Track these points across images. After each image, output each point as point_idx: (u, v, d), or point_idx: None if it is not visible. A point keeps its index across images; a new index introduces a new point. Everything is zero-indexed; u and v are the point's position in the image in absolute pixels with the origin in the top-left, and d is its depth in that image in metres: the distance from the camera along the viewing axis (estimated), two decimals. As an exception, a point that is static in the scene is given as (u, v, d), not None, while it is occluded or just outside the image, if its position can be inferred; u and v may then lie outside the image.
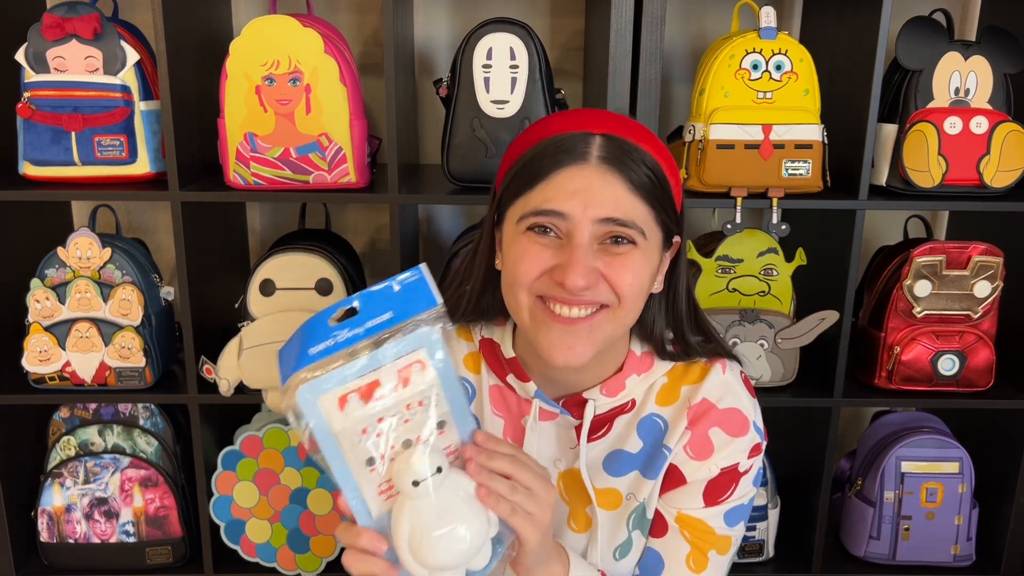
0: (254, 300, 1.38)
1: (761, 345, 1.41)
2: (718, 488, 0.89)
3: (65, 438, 1.48)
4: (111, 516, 1.49)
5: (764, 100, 1.30)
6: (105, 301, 1.38)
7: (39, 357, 1.38)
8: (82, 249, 1.38)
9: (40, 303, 1.37)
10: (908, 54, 1.33)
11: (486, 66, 1.30)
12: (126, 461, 1.47)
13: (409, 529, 0.70)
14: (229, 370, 1.38)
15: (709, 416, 0.88)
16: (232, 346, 1.38)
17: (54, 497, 1.48)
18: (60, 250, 1.38)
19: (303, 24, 1.27)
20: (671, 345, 0.91)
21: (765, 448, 0.93)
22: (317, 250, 1.39)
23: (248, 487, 1.49)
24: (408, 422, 0.69)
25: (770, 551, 1.53)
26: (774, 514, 1.51)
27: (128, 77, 1.32)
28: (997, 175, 1.33)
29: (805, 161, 1.30)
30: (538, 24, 1.60)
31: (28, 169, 1.35)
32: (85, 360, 1.39)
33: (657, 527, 0.91)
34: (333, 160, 1.31)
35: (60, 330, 1.38)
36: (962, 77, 1.34)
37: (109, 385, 1.41)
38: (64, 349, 1.38)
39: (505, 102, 1.31)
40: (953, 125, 1.32)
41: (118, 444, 1.48)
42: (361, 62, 1.57)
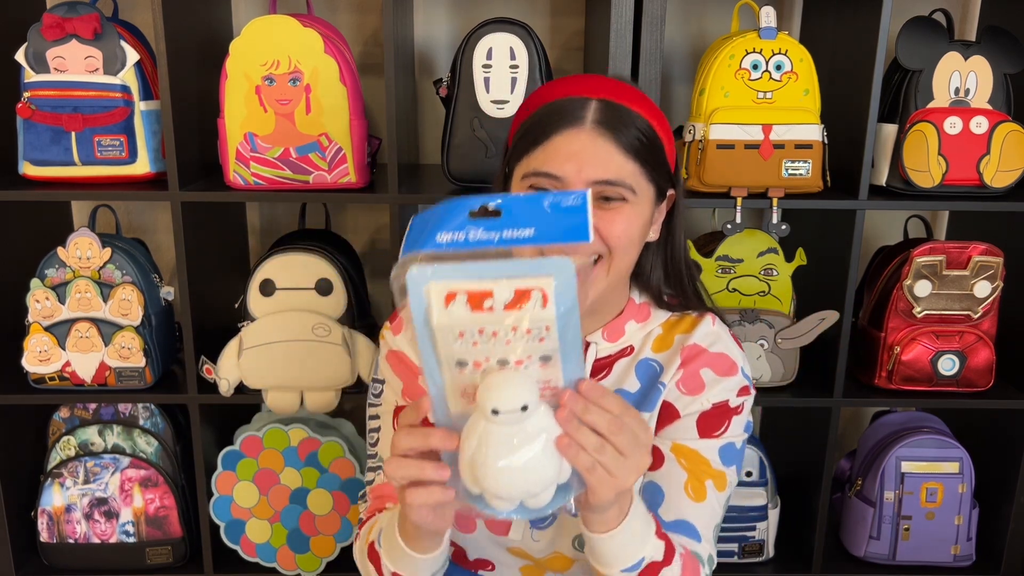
0: (254, 300, 1.38)
1: (761, 345, 1.41)
2: (710, 421, 0.93)
3: (65, 438, 1.48)
4: (111, 516, 1.49)
5: (764, 100, 1.30)
6: (105, 301, 1.38)
7: (39, 357, 1.38)
8: (82, 249, 1.38)
9: (40, 303, 1.37)
10: (908, 54, 1.33)
11: (486, 66, 1.30)
12: (126, 461, 1.47)
13: (476, 448, 0.66)
14: (229, 370, 1.38)
15: (700, 358, 0.94)
16: (232, 346, 1.38)
17: (54, 497, 1.48)
18: (60, 250, 1.38)
19: (303, 24, 1.27)
20: (667, 297, 0.98)
21: (754, 398, 0.97)
22: (317, 250, 1.39)
23: (248, 487, 1.49)
24: (510, 343, 0.65)
25: (770, 551, 1.53)
26: (774, 514, 1.51)
27: (128, 77, 1.32)
28: (997, 175, 1.33)
29: (805, 161, 1.30)
30: (538, 24, 1.60)
31: (28, 169, 1.35)
32: (85, 360, 1.39)
33: (654, 461, 0.94)
34: (333, 160, 1.31)
35: (60, 330, 1.38)
36: (962, 77, 1.34)
37: (109, 385, 1.41)
38: (64, 349, 1.38)
39: (505, 102, 1.31)
40: (953, 125, 1.32)
41: (118, 444, 1.48)
42: (361, 62, 1.57)
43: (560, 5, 1.61)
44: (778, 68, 1.30)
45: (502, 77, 1.30)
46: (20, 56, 1.31)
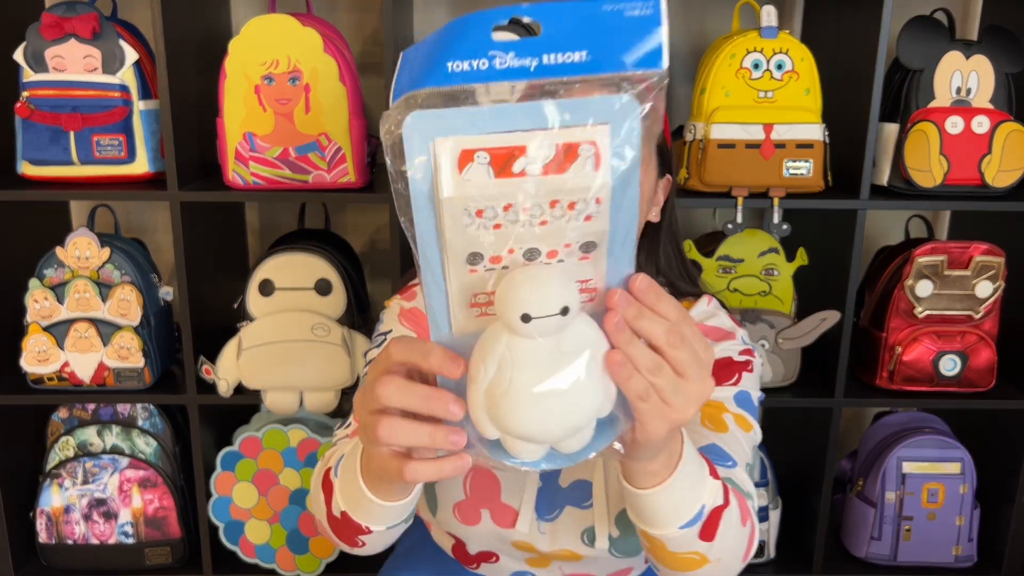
0: (253, 300, 1.37)
1: (762, 345, 1.40)
2: (719, 372, 0.88)
3: (64, 438, 1.48)
4: (110, 517, 1.48)
5: (765, 99, 1.30)
6: (104, 301, 1.37)
7: (38, 357, 1.38)
8: (81, 249, 1.37)
9: (39, 303, 1.37)
10: (909, 53, 1.33)
11: (486, 65, 1.30)
12: (125, 462, 1.46)
13: (496, 372, 0.50)
14: (228, 370, 1.38)
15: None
16: (231, 346, 1.37)
17: (53, 498, 1.48)
18: (59, 250, 1.37)
19: (302, 23, 1.26)
20: (666, 285, 0.97)
21: (759, 377, 0.93)
22: (316, 250, 1.39)
23: (247, 488, 1.48)
24: (545, 224, 0.47)
25: (771, 552, 1.53)
26: (775, 515, 1.51)
27: (127, 76, 1.32)
28: (998, 175, 1.33)
29: (806, 160, 1.30)
30: (538, 23, 1.59)
31: (27, 169, 1.34)
32: (84, 360, 1.38)
33: None
34: (332, 160, 1.30)
35: (59, 330, 1.37)
36: (963, 76, 1.33)
37: (108, 385, 1.41)
38: (63, 349, 1.38)
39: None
40: (954, 125, 1.32)
41: (117, 445, 1.47)
42: (360, 61, 1.57)
43: (560, 4, 1.60)
44: (779, 67, 1.29)
45: (502, 76, 1.30)
46: (19, 55, 1.31)
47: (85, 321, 1.37)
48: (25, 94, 1.32)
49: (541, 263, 0.49)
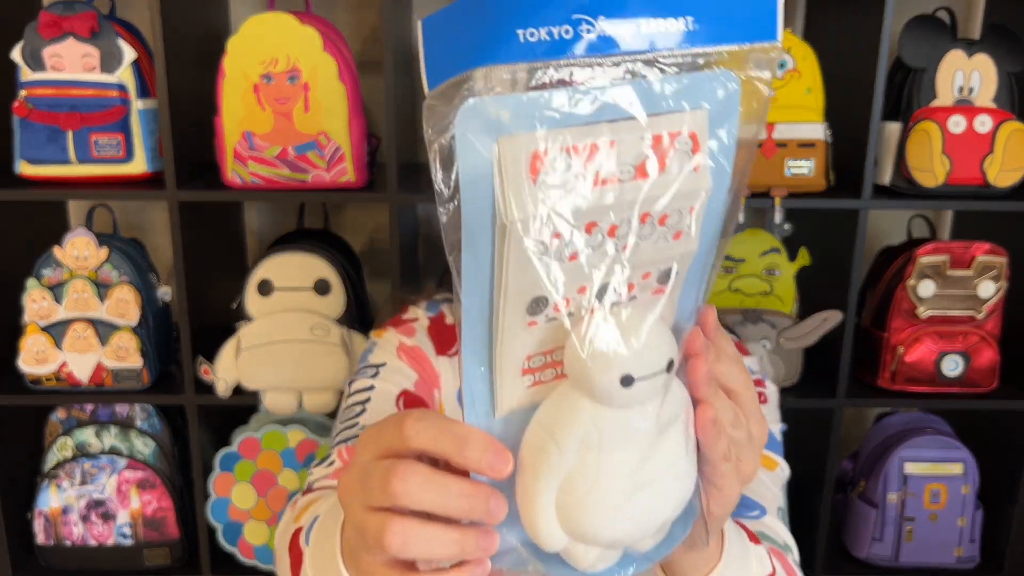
0: (252, 300, 1.37)
1: (764, 346, 1.40)
2: None
3: (62, 439, 1.47)
4: (108, 518, 1.48)
5: (766, 98, 1.29)
6: (102, 301, 1.37)
7: (36, 357, 1.37)
8: (79, 249, 1.37)
9: (36, 303, 1.36)
10: (911, 52, 1.32)
11: (486, 64, 1.29)
12: (123, 462, 1.45)
13: (577, 458, 0.37)
14: (227, 371, 1.37)
15: None
16: (230, 346, 1.37)
17: (51, 499, 1.47)
18: (57, 250, 1.37)
19: (301, 22, 1.26)
20: None
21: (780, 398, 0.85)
22: (315, 250, 1.38)
23: (246, 489, 1.48)
24: (626, 249, 0.36)
25: (772, 553, 1.52)
26: (776, 516, 1.50)
27: (125, 75, 1.31)
28: (1001, 174, 1.32)
29: (808, 160, 1.29)
30: (538, 22, 1.58)
31: (24, 168, 1.33)
32: (82, 361, 1.38)
33: None
34: (332, 159, 1.30)
35: (57, 330, 1.37)
36: (966, 76, 1.33)
37: (106, 386, 1.40)
38: (61, 349, 1.37)
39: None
40: (957, 124, 1.31)
41: (115, 445, 1.47)
42: (360, 60, 1.56)
43: (560, 3, 1.60)
44: (781, 66, 1.29)
45: (502, 75, 1.29)
46: (16, 55, 1.30)
47: (83, 321, 1.36)
48: (23, 93, 1.31)
49: (616, 304, 0.37)
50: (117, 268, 1.37)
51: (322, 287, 1.36)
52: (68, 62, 1.30)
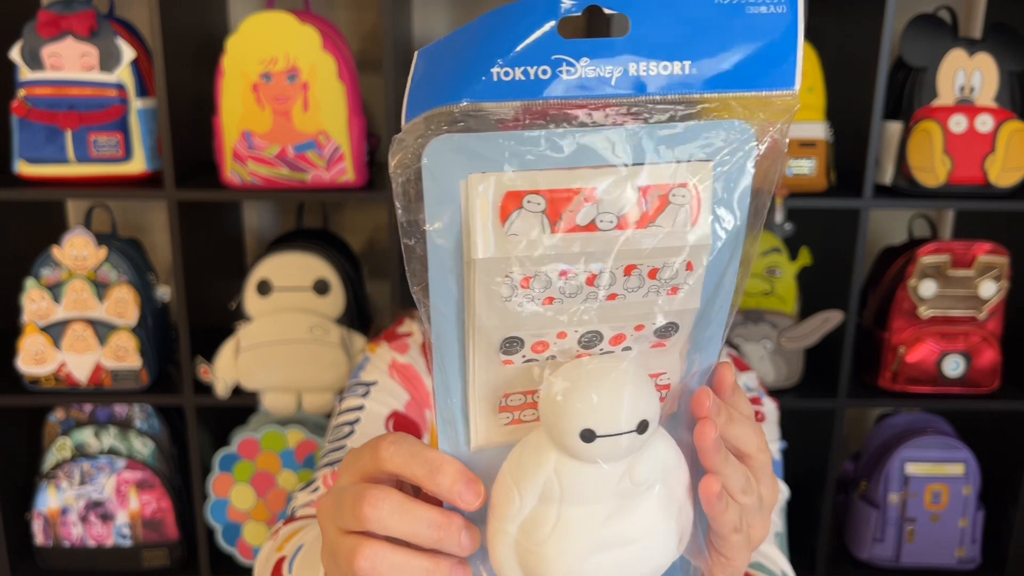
0: (251, 300, 1.36)
1: (765, 346, 1.39)
2: None
3: (60, 440, 1.46)
4: (107, 519, 1.47)
5: (767, 98, 1.29)
6: (101, 301, 1.36)
7: (34, 358, 1.37)
8: (77, 248, 1.36)
9: (35, 303, 1.36)
10: (912, 52, 1.32)
11: (486, 63, 1.28)
12: (122, 463, 1.45)
13: (538, 506, 0.37)
14: (226, 371, 1.37)
15: None
16: (229, 347, 1.36)
17: (49, 499, 1.47)
18: (55, 249, 1.36)
19: (301, 20, 1.25)
20: None
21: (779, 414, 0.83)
22: (315, 250, 1.38)
23: (245, 489, 1.47)
24: (614, 299, 0.35)
25: (773, 554, 1.52)
26: (777, 517, 1.50)
27: (124, 75, 1.31)
28: (1002, 174, 1.32)
29: (809, 159, 1.29)
30: (538, 22, 1.58)
31: (23, 168, 1.33)
32: (81, 361, 1.37)
33: None
34: (331, 158, 1.29)
35: (55, 331, 1.36)
36: (967, 75, 1.32)
37: (104, 386, 1.39)
38: (60, 350, 1.37)
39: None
40: (958, 123, 1.31)
41: (114, 446, 1.46)
42: (359, 59, 1.56)
43: (561, 2, 1.59)
44: (782, 65, 1.28)
45: (502, 74, 1.29)
46: (15, 54, 1.30)
47: (82, 321, 1.36)
48: (21, 92, 1.31)
49: (603, 352, 0.36)
50: (116, 268, 1.37)
51: (321, 287, 1.36)
52: (67, 61, 1.30)
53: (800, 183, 1.29)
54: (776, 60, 0.34)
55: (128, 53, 1.30)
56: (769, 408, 0.82)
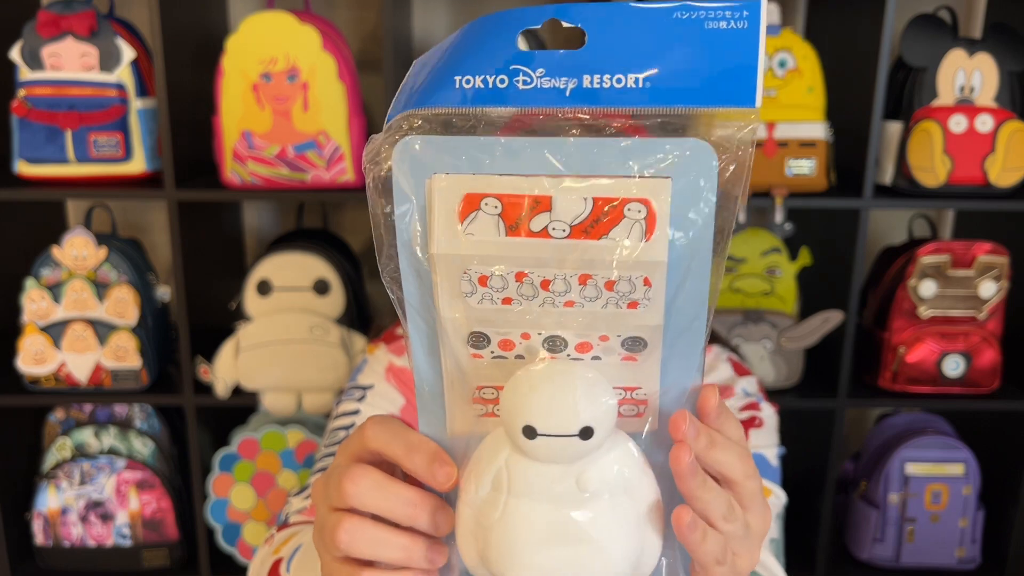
0: (251, 300, 1.36)
1: (765, 346, 1.39)
2: None
3: (60, 440, 1.46)
4: (107, 519, 1.47)
5: (768, 97, 1.29)
6: (101, 301, 1.36)
7: (34, 358, 1.37)
8: (77, 248, 1.36)
9: (35, 303, 1.36)
10: (912, 51, 1.32)
11: (486, 63, 1.29)
12: (122, 463, 1.45)
13: (490, 494, 0.39)
14: (226, 371, 1.37)
15: None
16: (229, 347, 1.36)
17: (49, 499, 1.47)
18: (55, 249, 1.36)
19: (300, 20, 1.25)
20: None
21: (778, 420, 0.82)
22: (315, 250, 1.38)
23: (245, 490, 1.47)
24: (572, 306, 0.36)
25: (773, 554, 1.52)
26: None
27: (124, 75, 1.31)
28: (1002, 174, 1.32)
29: (809, 159, 1.29)
30: (538, 22, 1.58)
31: (23, 168, 1.33)
32: (80, 361, 1.37)
33: None
34: (331, 158, 1.29)
35: (55, 331, 1.36)
36: (967, 75, 1.32)
37: (104, 386, 1.39)
38: (59, 350, 1.37)
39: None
40: (958, 123, 1.31)
41: (114, 446, 1.46)
42: (359, 59, 1.56)
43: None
44: (782, 65, 1.28)
45: (502, 74, 1.29)
46: (15, 54, 1.30)
47: (82, 321, 1.36)
48: (21, 92, 1.31)
49: (569, 358, 0.37)
50: (116, 268, 1.37)
51: (321, 287, 1.36)
52: (67, 61, 1.30)
53: (800, 183, 1.29)
54: (736, 76, 0.34)
55: (128, 53, 1.30)
56: (768, 414, 0.82)
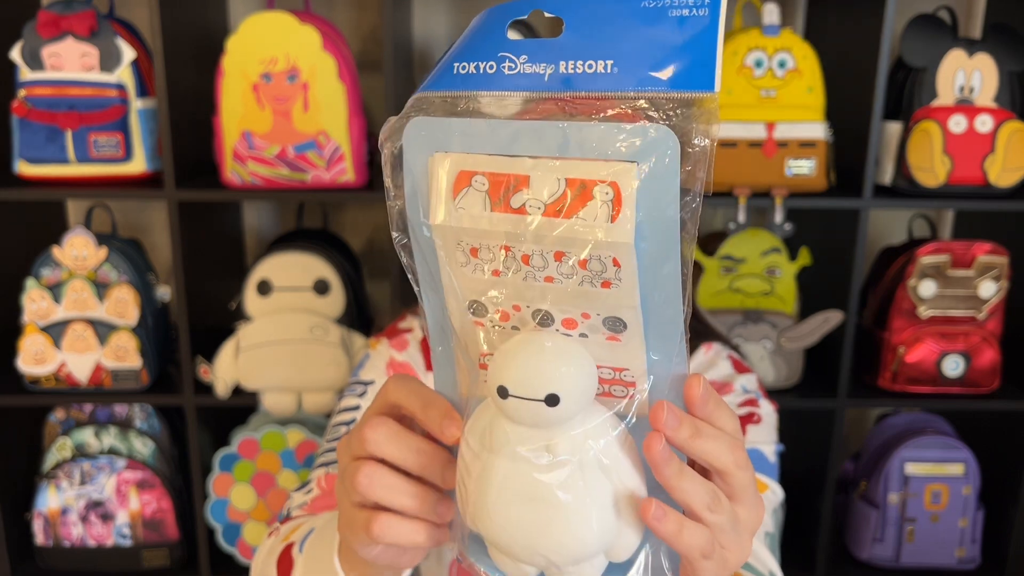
0: (251, 300, 1.36)
1: (764, 346, 1.39)
2: None
3: (61, 440, 1.46)
4: (107, 519, 1.47)
5: (767, 98, 1.29)
6: (101, 301, 1.36)
7: (35, 358, 1.37)
8: (77, 248, 1.36)
9: (35, 303, 1.36)
10: (912, 52, 1.32)
11: (486, 63, 1.29)
12: (122, 463, 1.45)
13: (477, 448, 0.41)
14: (226, 371, 1.37)
15: None
16: (229, 347, 1.36)
17: (49, 499, 1.47)
18: (55, 249, 1.36)
19: (301, 21, 1.26)
20: None
21: (777, 417, 0.82)
22: (315, 250, 1.38)
23: (245, 489, 1.47)
24: (551, 282, 0.38)
25: (773, 554, 1.52)
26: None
27: (124, 75, 1.31)
28: (1002, 174, 1.32)
29: (809, 159, 1.29)
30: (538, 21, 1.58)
31: (23, 168, 1.33)
32: (81, 361, 1.37)
33: None
34: (331, 158, 1.29)
35: (55, 331, 1.36)
36: (967, 75, 1.32)
37: (104, 386, 1.39)
38: (60, 350, 1.37)
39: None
40: (957, 123, 1.31)
41: (114, 446, 1.46)
42: (359, 59, 1.56)
43: (561, 3, 1.59)
44: (781, 65, 1.28)
45: (502, 75, 1.29)
46: (15, 54, 1.30)
47: (82, 321, 1.36)
48: (22, 93, 1.31)
49: (557, 332, 0.39)
50: (116, 268, 1.37)
51: (321, 287, 1.36)
52: (67, 61, 1.30)
53: (800, 183, 1.30)
54: (696, 62, 0.35)
55: (128, 53, 1.30)
56: (767, 411, 0.82)
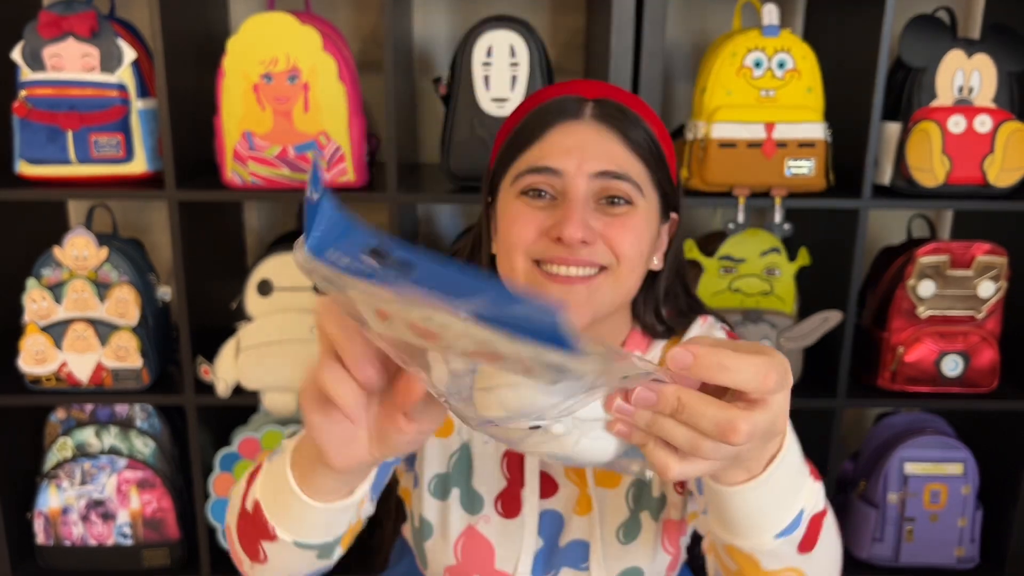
0: (251, 300, 1.37)
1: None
2: None
3: (61, 439, 1.47)
4: (108, 518, 1.47)
5: (767, 98, 1.29)
6: (102, 301, 1.37)
7: (35, 358, 1.37)
8: (78, 249, 1.36)
9: (36, 303, 1.36)
10: (911, 52, 1.32)
11: (486, 64, 1.29)
12: (123, 462, 1.45)
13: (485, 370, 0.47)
14: (226, 371, 1.37)
15: None
16: (229, 347, 1.37)
17: (50, 499, 1.47)
18: (56, 250, 1.36)
19: (301, 21, 1.26)
20: (662, 325, 0.88)
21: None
22: (315, 250, 1.38)
23: (246, 489, 1.48)
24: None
25: (772, 553, 1.52)
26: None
27: (125, 75, 1.31)
28: (1001, 174, 1.32)
29: (808, 160, 1.29)
30: (538, 21, 1.58)
31: (24, 168, 1.33)
32: (81, 361, 1.38)
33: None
34: (331, 159, 1.30)
35: (56, 330, 1.37)
36: (966, 75, 1.32)
37: (105, 386, 1.40)
38: (60, 349, 1.37)
39: (505, 100, 1.30)
40: (957, 124, 1.31)
41: (115, 445, 1.47)
42: (360, 60, 1.56)
43: (561, 2, 1.60)
44: (781, 66, 1.28)
45: (502, 75, 1.29)
46: (16, 54, 1.30)
47: (83, 321, 1.36)
48: (23, 93, 1.31)
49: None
50: (117, 268, 1.37)
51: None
52: (68, 62, 1.30)
53: (799, 183, 1.30)
54: (548, 328, 0.41)
55: (129, 54, 1.31)
56: None
